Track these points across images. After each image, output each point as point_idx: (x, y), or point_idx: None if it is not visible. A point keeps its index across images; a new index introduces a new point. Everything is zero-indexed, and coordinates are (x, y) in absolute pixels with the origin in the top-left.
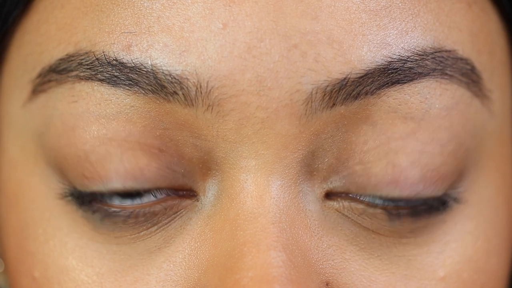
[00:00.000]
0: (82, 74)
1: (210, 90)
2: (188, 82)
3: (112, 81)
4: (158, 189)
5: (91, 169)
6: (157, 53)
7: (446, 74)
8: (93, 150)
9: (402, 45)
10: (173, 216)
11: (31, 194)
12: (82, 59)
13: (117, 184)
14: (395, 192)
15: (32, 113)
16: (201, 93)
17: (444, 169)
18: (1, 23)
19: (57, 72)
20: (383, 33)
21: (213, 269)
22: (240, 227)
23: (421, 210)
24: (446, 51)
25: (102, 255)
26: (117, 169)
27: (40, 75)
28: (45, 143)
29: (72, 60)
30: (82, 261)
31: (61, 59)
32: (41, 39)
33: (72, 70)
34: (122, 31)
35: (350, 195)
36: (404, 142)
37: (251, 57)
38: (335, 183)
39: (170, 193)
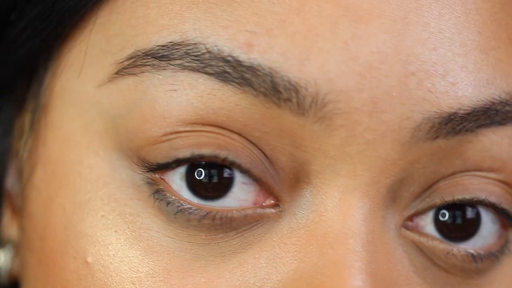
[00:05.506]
0: (187, 64)
1: (326, 103)
2: (305, 92)
3: (222, 77)
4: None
5: (176, 146)
6: (277, 57)
7: None
8: (183, 132)
9: (504, 87)
10: (254, 223)
11: (92, 176)
12: (189, 49)
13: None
14: None
15: (111, 94)
16: (316, 104)
17: None
18: None
19: (157, 58)
20: (491, 74)
21: (296, 283)
22: (330, 246)
23: (496, 251)
24: None
25: (171, 250)
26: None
27: (131, 58)
28: (122, 126)
29: (177, 49)
30: (149, 254)
31: (162, 46)
32: (136, 22)
33: (175, 59)
34: (241, 28)
35: (429, 233)
36: (489, 174)
37: (370, 77)
38: (416, 207)
39: (251, 202)
